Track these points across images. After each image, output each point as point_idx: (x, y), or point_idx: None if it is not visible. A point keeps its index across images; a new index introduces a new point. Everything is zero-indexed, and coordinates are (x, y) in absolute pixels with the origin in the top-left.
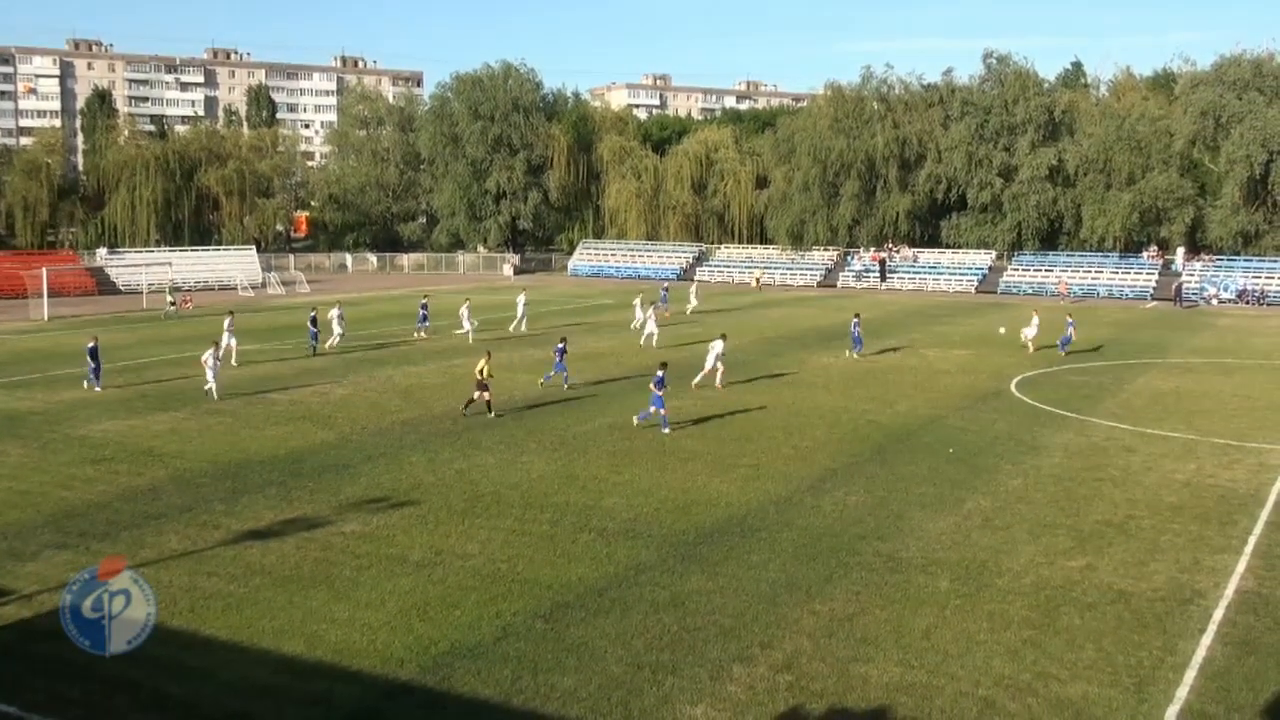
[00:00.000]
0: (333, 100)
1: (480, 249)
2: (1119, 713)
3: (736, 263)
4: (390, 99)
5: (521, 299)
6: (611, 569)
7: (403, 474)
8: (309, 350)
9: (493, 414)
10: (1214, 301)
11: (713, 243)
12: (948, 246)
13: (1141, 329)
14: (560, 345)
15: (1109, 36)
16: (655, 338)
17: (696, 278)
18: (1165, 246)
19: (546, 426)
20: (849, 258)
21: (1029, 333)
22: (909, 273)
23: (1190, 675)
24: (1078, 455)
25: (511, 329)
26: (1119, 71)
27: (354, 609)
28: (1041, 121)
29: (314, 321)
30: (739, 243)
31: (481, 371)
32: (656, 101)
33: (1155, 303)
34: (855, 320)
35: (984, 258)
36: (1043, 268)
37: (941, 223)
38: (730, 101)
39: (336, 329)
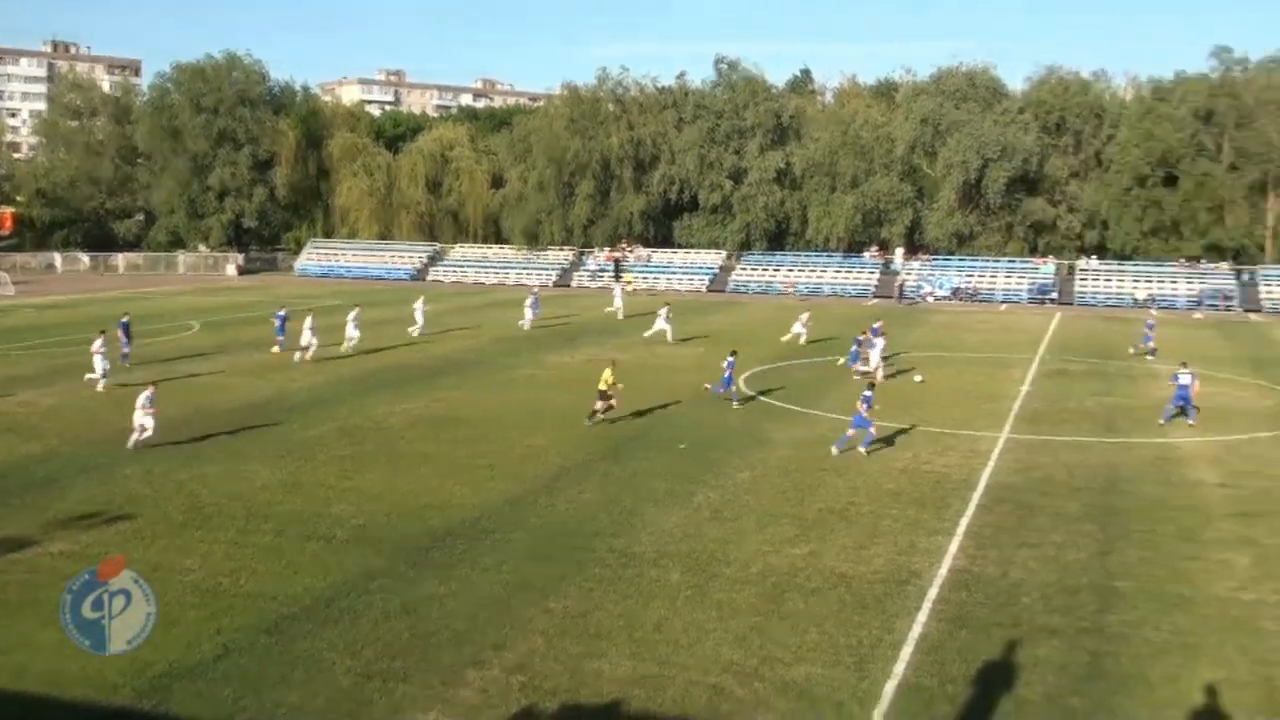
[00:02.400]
0: (43, 88)
1: (201, 248)
2: (841, 691)
3: (472, 262)
4: (106, 88)
5: (419, 305)
6: (340, 578)
7: (117, 488)
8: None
9: (589, 422)
10: (931, 299)
11: (448, 242)
12: (680, 246)
13: (865, 326)
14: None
15: (837, 45)
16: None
17: (430, 278)
18: (886, 246)
19: (272, 433)
20: (584, 257)
21: (798, 329)
22: (643, 272)
23: (907, 651)
24: (803, 447)
25: (414, 332)
26: (845, 79)
27: (63, 634)
28: (770, 126)
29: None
30: (474, 242)
31: (606, 382)
32: (391, 98)
33: (877, 300)
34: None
35: (714, 257)
36: (770, 267)
37: (674, 223)
38: (467, 100)
39: (352, 331)
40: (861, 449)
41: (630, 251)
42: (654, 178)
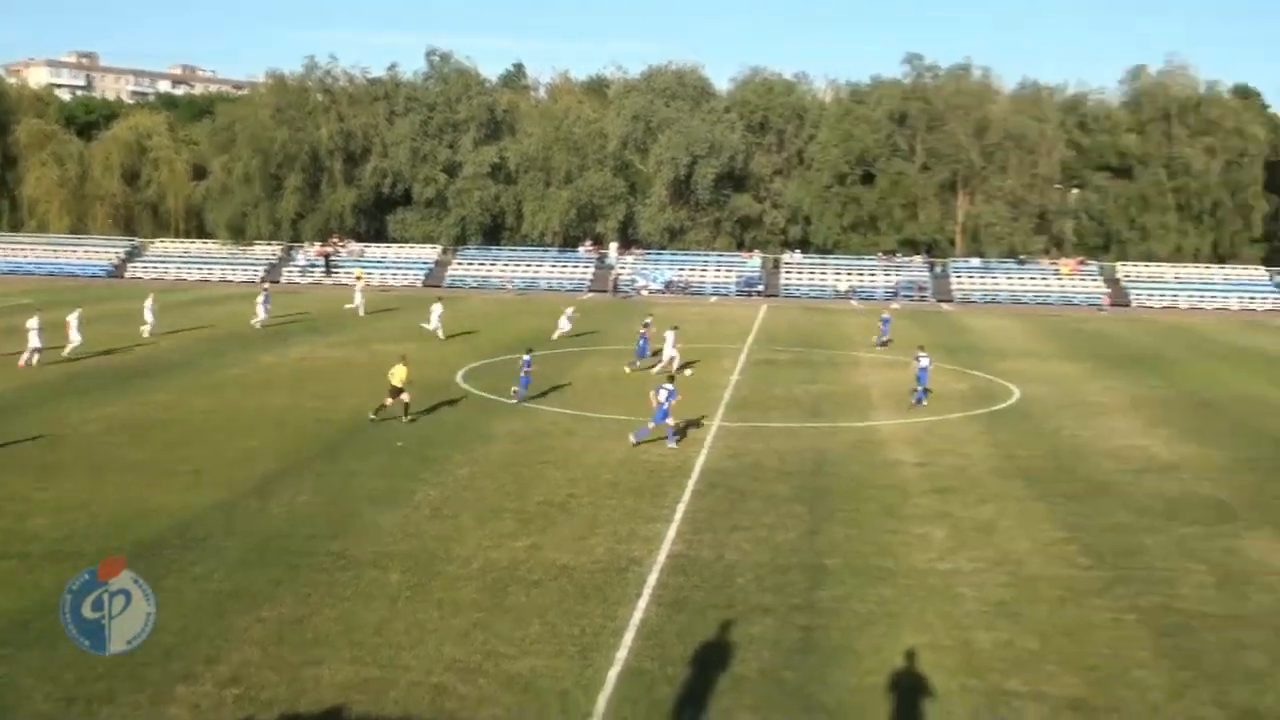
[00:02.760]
0: None
1: None
2: (565, 680)
3: (174, 258)
4: None
5: (149, 303)
6: (37, 597)
7: None
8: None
9: (407, 418)
10: (644, 292)
11: (147, 237)
12: (394, 241)
13: (580, 320)
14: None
15: (550, 41)
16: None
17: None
18: (600, 241)
19: None
20: (294, 252)
21: (432, 324)
22: (355, 267)
23: (629, 637)
24: (523, 441)
25: (146, 332)
26: (558, 75)
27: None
28: (484, 120)
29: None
30: (176, 236)
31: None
32: (82, 82)
33: (592, 294)
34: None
35: (430, 252)
36: (487, 261)
37: (388, 217)
38: (165, 85)
39: (75, 335)
40: (632, 438)
41: (342, 246)
42: (365, 171)
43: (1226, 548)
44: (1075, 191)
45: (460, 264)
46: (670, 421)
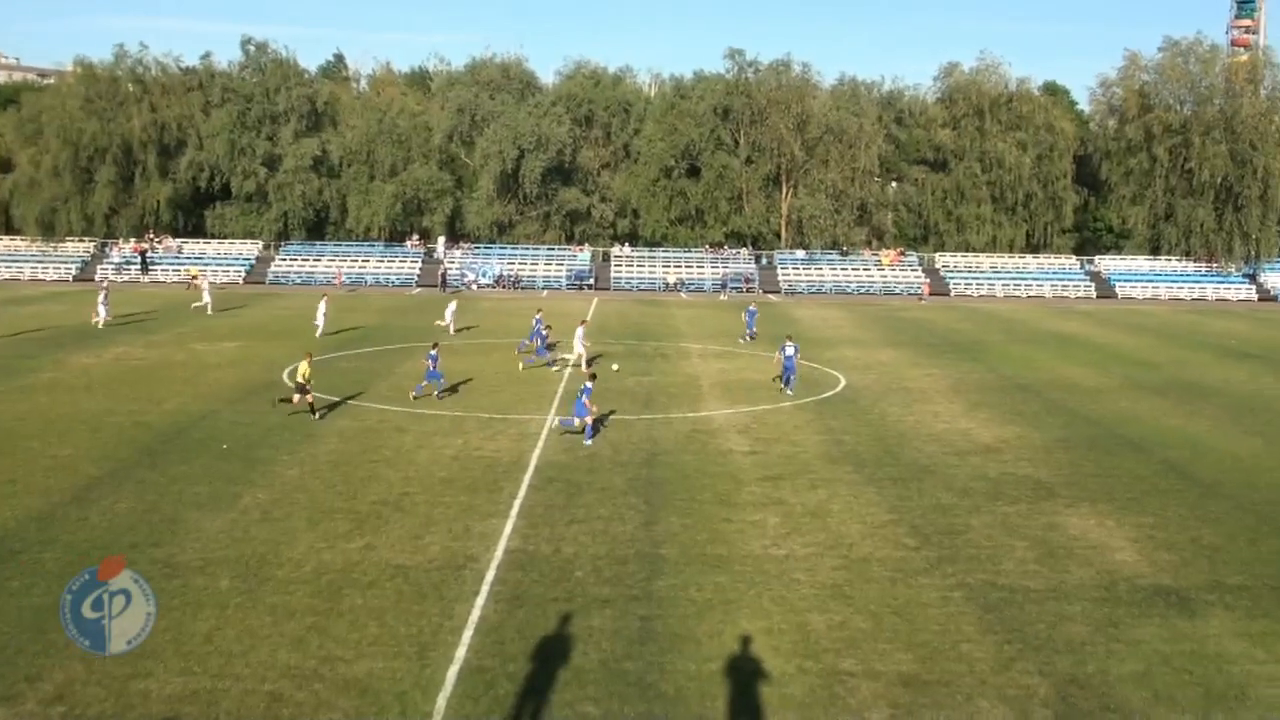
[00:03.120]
0: None
1: None
2: (403, 682)
3: None
4: None
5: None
6: None
7: None
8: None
9: (317, 415)
10: (474, 287)
11: None
12: (214, 236)
13: (408, 314)
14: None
15: (370, 32)
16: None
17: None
18: (428, 235)
19: None
20: (108, 249)
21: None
22: (174, 263)
23: (468, 635)
24: (353, 439)
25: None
26: (379, 66)
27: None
28: (305, 111)
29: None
30: None
31: (300, 374)
32: None
33: (420, 289)
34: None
35: (251, 248)
36: (311, 257)
37: (206, 212)
38: None
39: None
40: (561, 424)
41: (159, 242)
42: (181, 164)
43: (1046, 524)
44: (894, 185)
45: (283, 260)
46: (590, 418)
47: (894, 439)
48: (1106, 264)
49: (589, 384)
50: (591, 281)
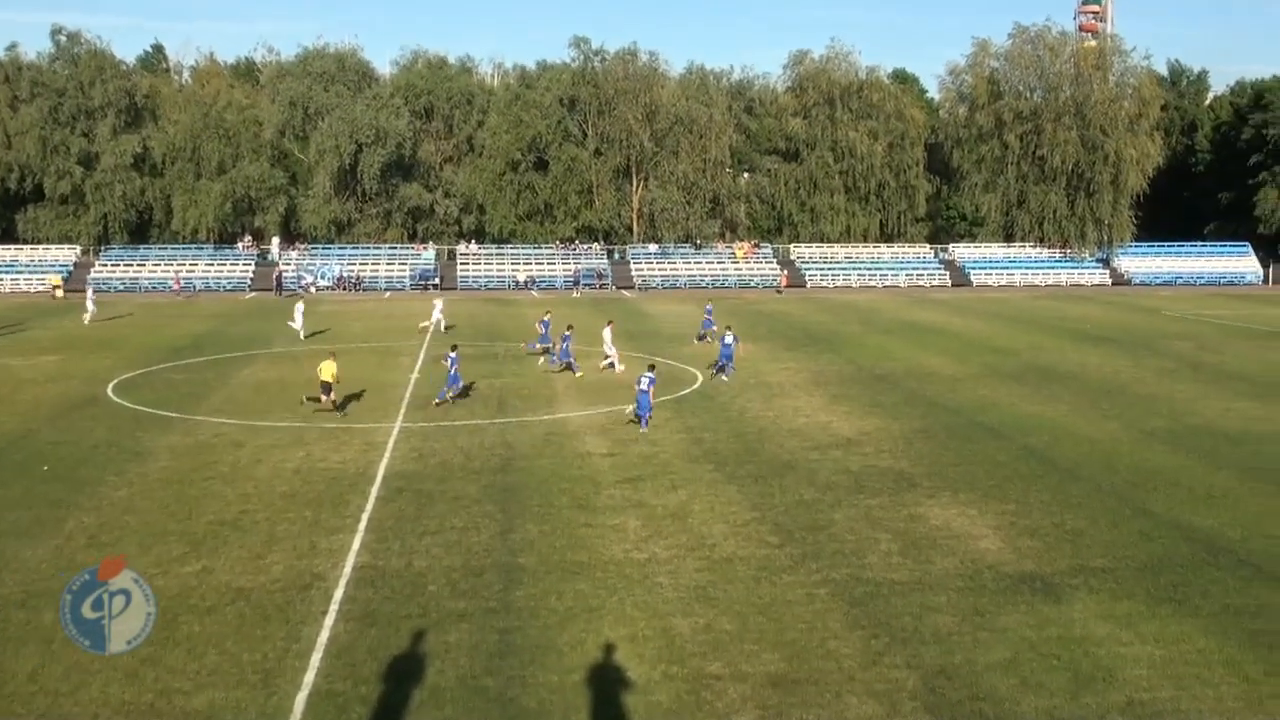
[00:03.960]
0: None
1: None
2: (248, 712)
3: None
4: None
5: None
6: None
7: None
8: None
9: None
10: (313, 289)
11: None
12: (26, 242)
13: (242, 321)
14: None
15: (189, 21)
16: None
17: None
18: (261, 236)
19: None
20: None
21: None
22: (53, 274)
23: (317, 658)
24: (185, 456)
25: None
26: (202, 57)
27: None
28: (123, 106)
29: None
30: None
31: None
32: None
33: (255, 293)
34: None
35: (68, 253)
36: (135, 261)
37: (17, 216)
38: None
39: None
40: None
41: None
42: None
43: (909, 515)
44: (746, 176)
45: (105, 265)
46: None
47: (754, 435)
48: (961, 252)
49: (650, 373)
50: (437, 281)
